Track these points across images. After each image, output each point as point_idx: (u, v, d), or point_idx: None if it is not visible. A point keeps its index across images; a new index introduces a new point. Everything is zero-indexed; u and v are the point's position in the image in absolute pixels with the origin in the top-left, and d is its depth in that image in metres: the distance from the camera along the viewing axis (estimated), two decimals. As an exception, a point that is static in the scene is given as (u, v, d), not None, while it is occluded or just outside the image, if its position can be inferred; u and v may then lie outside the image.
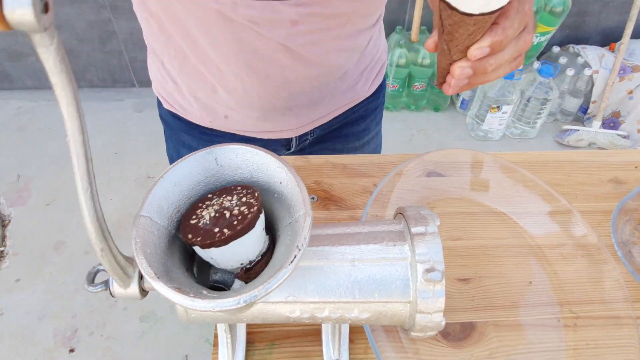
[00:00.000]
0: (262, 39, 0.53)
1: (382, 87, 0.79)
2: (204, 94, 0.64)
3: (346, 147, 0.80)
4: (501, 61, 0.38)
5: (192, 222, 0.32)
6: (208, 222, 0.31)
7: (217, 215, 0.32)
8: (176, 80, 0.66)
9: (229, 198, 0.33)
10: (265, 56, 0.56)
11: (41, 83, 2.07)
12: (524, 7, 0.37)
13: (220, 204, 0.33)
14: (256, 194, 0.32)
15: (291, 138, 0.72)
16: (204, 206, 0.33)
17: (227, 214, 0.31)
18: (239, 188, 0.34)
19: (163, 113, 0.74)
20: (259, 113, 0.65)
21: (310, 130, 0.73)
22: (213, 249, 0.30)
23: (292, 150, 0.75)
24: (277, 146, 0.74)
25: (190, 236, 0.31)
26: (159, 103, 0.74)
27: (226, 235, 0.30)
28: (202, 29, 0.53)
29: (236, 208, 0.32)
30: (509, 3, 0.33)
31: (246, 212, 0.31)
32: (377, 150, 0.87)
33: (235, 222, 0.30)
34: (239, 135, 0.70)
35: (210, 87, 0.62)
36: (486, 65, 0.38)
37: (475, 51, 0.37)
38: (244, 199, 0.32)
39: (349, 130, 0.78)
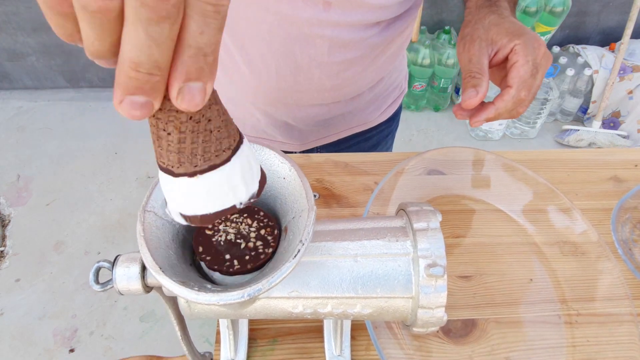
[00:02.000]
0: (287, 34, 0.53)
1: (397, 114, 0.78)
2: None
3: None
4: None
5: (208, 232, 0.33)
6: (222, 243, 0.32)
7: (232, 240, 0.33)
8: None
9: (249, 222, 0.34)
10: (285, 52, 0.56)
11: (41, 83, 2.07)
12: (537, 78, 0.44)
13: (238, 228, 0.33)
14: (275, 233, 0.33)
15: (294, 152, 0.72)
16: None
17: (242, 245, 0.32)
18: (262, 214, 0.34)
19: None
20: (263, 116, 0.65)
21: (316, 148, 0.72)
22: (217, 273, 0.32)
23: None
24: None
25: (200, 249, 0.32)
26: None
27: (235, 269, 0.31)
28: (250, 21, 0.53)
29: (252, 241, 0.33)
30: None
31: (260, 250, 0.32)
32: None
33: (247, 258, 0.32)
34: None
35: (226, 76, 0.62)
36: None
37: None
38: (262, 232, 0.33)
39: (357, 148, 0.77)
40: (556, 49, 1.97)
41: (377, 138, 0.76)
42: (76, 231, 1.59)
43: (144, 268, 0.33)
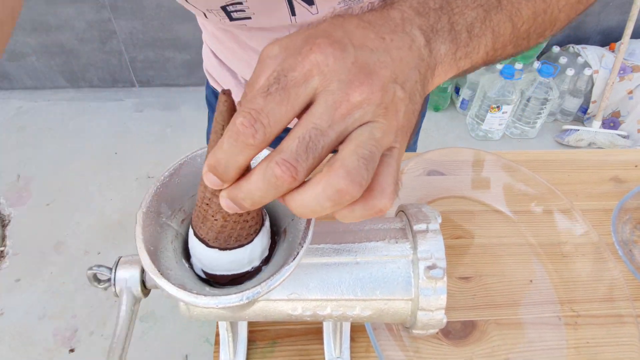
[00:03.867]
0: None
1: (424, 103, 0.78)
2: (236, 69, 0.65)
3: None
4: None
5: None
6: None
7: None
8: (216, 54, 0.67)
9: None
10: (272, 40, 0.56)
11: (41, 83, 2.07)
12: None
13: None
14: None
15: None
16: None
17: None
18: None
19: (209, 94, 0.75)
20: None
21: None
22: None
23: None
24: None
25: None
26: (207, 83, 0.75)
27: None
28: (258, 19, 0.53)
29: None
30: None
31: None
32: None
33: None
34: None
35: (240, 62, 0.63)
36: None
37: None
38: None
39: None
40: (556, 49, 1.97)
41: None
42: (76, 231, 1.59)
43: (143, 271, 0.33)
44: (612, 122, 1.96)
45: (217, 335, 0.46)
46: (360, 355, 0.47)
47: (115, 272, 0.33)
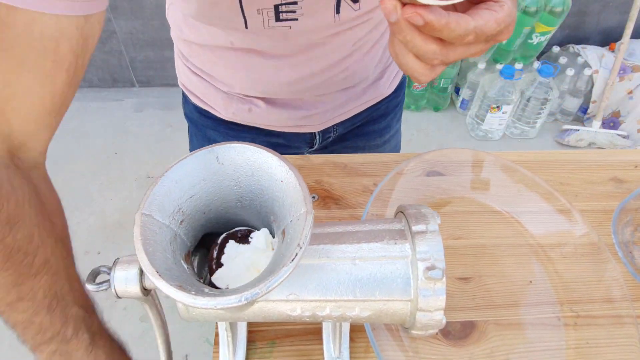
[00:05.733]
0: (299, 31, 0.54)
1: (402, 85, 0.80)
2: (229, 84, 0.65)
3: (368, 144, 0.80)
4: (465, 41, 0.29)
5: None
6: None
7: None
8: (200, 70, 0.66)
9: None
10: (296, 47, 0.57)
11: (41, 83, 2.07)
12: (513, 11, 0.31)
13: None
14: None
15: (314, 134, 0.73)
16: None
17: None
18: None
19: (188, 110, 0.75)
20: (284, 105, 0.66)
21: (333, 127, 0.73)
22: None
23: (315, 147, 0.76)
24: (301, 143, 0.74)
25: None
26: (185, 99, 0.75)
27: None
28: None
29: None
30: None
31: None
32: (397, 148, 0.88)
33: None
34: (264, 130, 0.70)
35: (236, 77, 0.63)
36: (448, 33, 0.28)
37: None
38: None
39: (371, 128, 0.78)
40: (556, 49, 1.97)
41: (386, 107, 0.78)
42: (76, 231, 1.59)
43: (142, 272, 0.33)
44: (612, 122, 1.96)
45: (217, 335, 0.46)
46: (359, 355, 0.47)
47: (113, 273, 0.33)
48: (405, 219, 0.37)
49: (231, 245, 0.35)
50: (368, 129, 0.78)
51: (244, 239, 0.36)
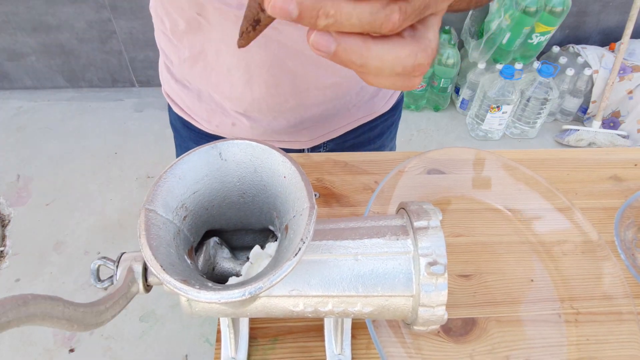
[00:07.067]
0: (278, 43, 0.53)
1: (399, 103, 0.78)
2: (212, 96, 0.63)
3: None
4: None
5: None
6: None
7: None
8: (185, 81, 0.65)
9: None
10: (277, 62, 0.55)
11: (41, 83, 2.07)
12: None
13: None
14: None
15: (303, 150, 0.71)
16: None
17: None
18: None
19: (173, 119, 0.74)
20: (268, 121, 0.64)
21: (323, 143, 0.72)
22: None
23: None
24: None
25: None
26: (170, 108, 0.73)
27: None
28: (219, 29, 0.53)
29: None
30: None
31: None
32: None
33: None
34: None
35: (218, 90, 0.61)
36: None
37: None
38: None
39: (365, 148, 0.77)
40: (556, 49, 1.97)
41: (381, 127, 0.76)
42: (76, 231, 1.59)
43: (145, 267, 0.33)
44: (612, 122, 1.96)
45: (219, 332, 0.46)
46: (361, 352, 0.47)
47: (117, 267, 0.33)
48: (407, 215, 0.37)
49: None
50: (361, 148, 0.76)
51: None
